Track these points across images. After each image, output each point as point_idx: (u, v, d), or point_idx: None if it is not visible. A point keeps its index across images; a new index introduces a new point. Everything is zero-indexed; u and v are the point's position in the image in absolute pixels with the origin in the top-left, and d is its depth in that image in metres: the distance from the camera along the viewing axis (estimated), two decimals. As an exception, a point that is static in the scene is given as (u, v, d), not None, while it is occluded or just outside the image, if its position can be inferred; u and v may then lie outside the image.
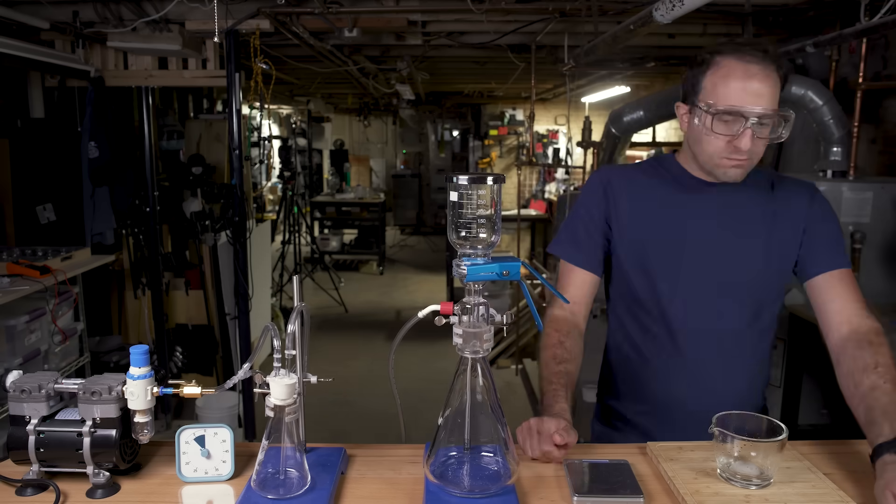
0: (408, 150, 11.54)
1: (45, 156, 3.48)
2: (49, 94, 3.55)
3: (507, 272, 0.99)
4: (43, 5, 2.92)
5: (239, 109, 3.22)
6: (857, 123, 3.01)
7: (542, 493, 1.06)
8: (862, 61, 3.01)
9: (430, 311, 1.01)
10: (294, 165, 6.66)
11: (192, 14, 3.01)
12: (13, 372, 1.08)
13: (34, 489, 1.03)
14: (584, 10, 3.02)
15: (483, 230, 1.00)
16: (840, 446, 1.21)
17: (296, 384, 1.00)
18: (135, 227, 3.71)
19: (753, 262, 1.32)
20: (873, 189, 2.77)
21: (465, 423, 1.03)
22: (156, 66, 3.41)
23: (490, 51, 4.14)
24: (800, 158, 3.80)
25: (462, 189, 0.99)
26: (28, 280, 2.54)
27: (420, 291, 7.17)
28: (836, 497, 1.00)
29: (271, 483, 1.02)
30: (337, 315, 6.22)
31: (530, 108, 4.63)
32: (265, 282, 4.90)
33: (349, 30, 3.17)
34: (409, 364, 4.66)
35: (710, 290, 1.32)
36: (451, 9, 3.09)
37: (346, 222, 8.25)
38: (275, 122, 9.58)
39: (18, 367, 1.70)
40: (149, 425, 1.04)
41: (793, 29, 3.46)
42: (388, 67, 4.98)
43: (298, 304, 1.04)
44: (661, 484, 1.08)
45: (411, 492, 1.05)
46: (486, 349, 1.02)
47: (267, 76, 3.45)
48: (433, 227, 10.96)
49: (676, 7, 2.22)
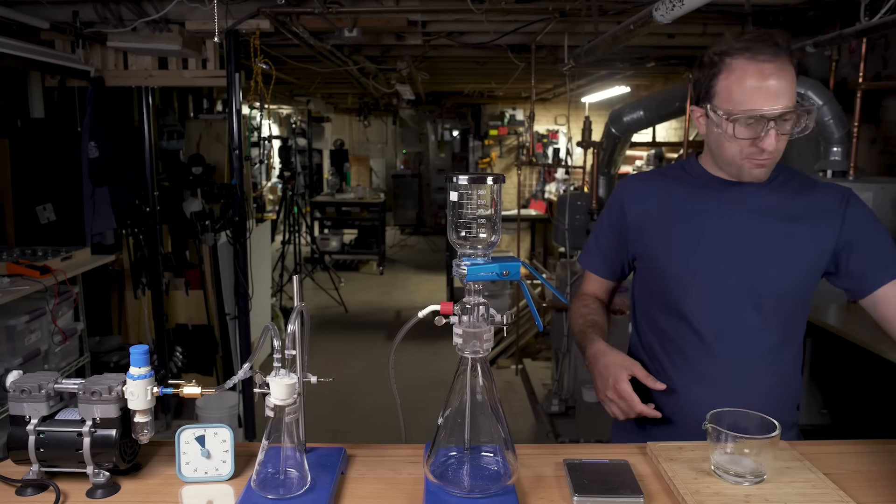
0: (408, 150, 11.54)
1: (45, 156, 3.48)
2: (49, 94, 3.55)
3: (507, 272, 0.99)
4: (43, 5, 2.92)
5: (239, 109, 3.22)
6: (857, 123, 3.01)
7: (542, 493, 1.06)
8: (862, 61, 3.01)
9: (430, 311, 1.01)
10: (294, 165, 6.66)
11: (192, 14, 3.01)
12: (13, 372, 1.08)
13: (34, 489, 1.03)
14: (584, 10, 3.03)
15: (483, 230, 1.00)
16: (840, 446, 1.21)
17: (296, 384, 1.00)
18: (135, 227, 3.71)
19: (781, 262, 1.28)
20: (873, 189, 2.77)
21: (465, 423, 1.03)
22: (156, 66, 3.42)
23: (490, 51, 4.14)
24: (800, 158, 3.80)
25: (462, 189, 0.99)
26: (28, 280, 2.54)
27: (420, 291, 7.17)
28: (836, 497, 1.00)
29: (271, 483, 1.02)
30: (337, 315, 6.23)
31: (530, 108, 4.63)
32: (265, 282, 4.90)
33: (349, 30, 3.17)
34: (409, 364, 4.66)
35: (735, 291, 1.29)
36: (451, 9, 3.09)
37: (346, 222, 8.25)
38: (275, 122, 9.58)
39: (18, 367, 1.70)
40: (149, 425, 1.04)
41: (793, 29, 3.46)
42: (388, 67, 4.98)
43: (298, 304, 1.04)
44: (661, 484, 1.08)
45: (411, 492, 1.05)
46: (486, 349, 1.02)
47: (267, 76, 3.45)
48: (433, 227, 10.96)
49: (676, 7, 2.22)
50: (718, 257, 1.30)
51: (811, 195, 1.31)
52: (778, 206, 1.30)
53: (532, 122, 4.80)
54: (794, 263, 1.29)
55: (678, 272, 1.33)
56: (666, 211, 1.35)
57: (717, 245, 1.30)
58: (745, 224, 1.29)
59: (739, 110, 1.18)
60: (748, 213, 1.30)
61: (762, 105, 1.16)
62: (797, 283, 1.30)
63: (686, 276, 1.32)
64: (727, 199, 1.31)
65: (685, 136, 4.16)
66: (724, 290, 1.29)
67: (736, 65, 1.18)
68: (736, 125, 1.19)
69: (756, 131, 1.19)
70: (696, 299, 1.31)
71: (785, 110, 1.16)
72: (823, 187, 1.33)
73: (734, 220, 1.30)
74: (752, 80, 1.17)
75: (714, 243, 1.30)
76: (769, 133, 1.18)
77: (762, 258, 1.28)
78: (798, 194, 1.31)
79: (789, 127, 1.20)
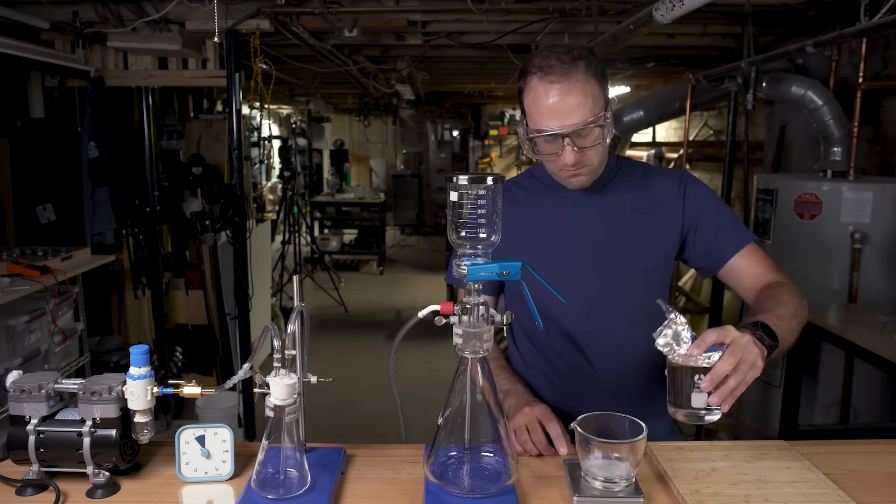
0: (408, 150, 11.54)
1: (45, 156, 3.48)
2: (49, 94, 3.55)
3: (507, 272, 0.99)
4: (43, 5, 2.92)
5: (239, 109, 3.22)
6: (857, 123, 3.01)
7: (542, 493, 1.06)
8: (862, 61, 3.01)
9: (430, 311, 1.01)
10: (294, 165, 6.66)
11: (192, 14, 3.01)
12: (13, 372, 1.08)
13: (34, 489, 1.03)
14: (584, 10, 3.02)
15: (483, 230, 1.00)
16: (840, 446, 1.21)
17: (296, 384, 1.00)
18: (135, 227, 3.71)
19: (632, 256, 1.32)
20: (873, 189, 2.77)
21: (465, 423, 1.03)
22: (156, 66, 3.41)
23: (490, 51, 4.14)
24: (800, 158, 3.80)
25: (462, 189, 0.99)
26: (28, 280, 2.54)
27: (420, 291, 7.17)
28: (836, 497, 1.00)
29: (271, 483, 1.02)
30: (337, 315, 6.22)
31: (530, 108, 4.62)
32: (265, 282, 4.90)
33: (349, 30, 3.17)
34: (409, 364, 4.66)
35: (591, 291, 1.31)
36: (451, 9, 3.09)
37: (346, 222, 8.24)
38: (275, 122, 9.58)
39: (18, 367, 1.70)
40: (149, 425, 1.04)
41: (793, 29, 3.46)
42: (388, 67, 4.98)
43: (298, 304, 1.04)
44: (661, 484, 1.08)
45: (411, 492, 1.05)
46: (486, 349, 1.02)
47: (267, 76, 3.45)
48: (433, 227, 10.95)
49: (676, 7, 2.22)
50: (568, 259, 1.32)
51: (652, 186, 1.36)
52: (620, 203, 1.33)
53: (532, 123, 4.79)
54: (645, 255, 1.32)
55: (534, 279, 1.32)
56: (517, 218, 1.34)
57: (565, 247, 1.33)
58: (594, 225, 1.33)
59: (534, 129, 1.21)
60: (596, 215, 1.33)
61: (550, 124, 1.19)
62: (652, 271, 1.34)
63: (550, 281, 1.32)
64: (571, 202, 1.34)
65: (685, 136, 4.16)
66: (585, 291, 1.31)
67: (531, 83, 1.20)
68: (537, 142, 1.23)
69: (555, 147, 1.22)
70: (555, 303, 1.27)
71: (574, 128, 1.18)
72: (661, 175, 1.38)
73: (579, 221, 1.33)
74: (543, 100, 1.19)
75: (566, 247, 1.33)
76: (565, 150, 1.20)
77: (614, 255, 1.31)
78: (639, 187, 1.35)
79: (590, 140, 1.21)
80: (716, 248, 1.33)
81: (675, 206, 1.34)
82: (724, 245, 1.32)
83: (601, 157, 1.26)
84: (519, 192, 1.41)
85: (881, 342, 2.18)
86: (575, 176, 1.26)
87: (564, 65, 1.17)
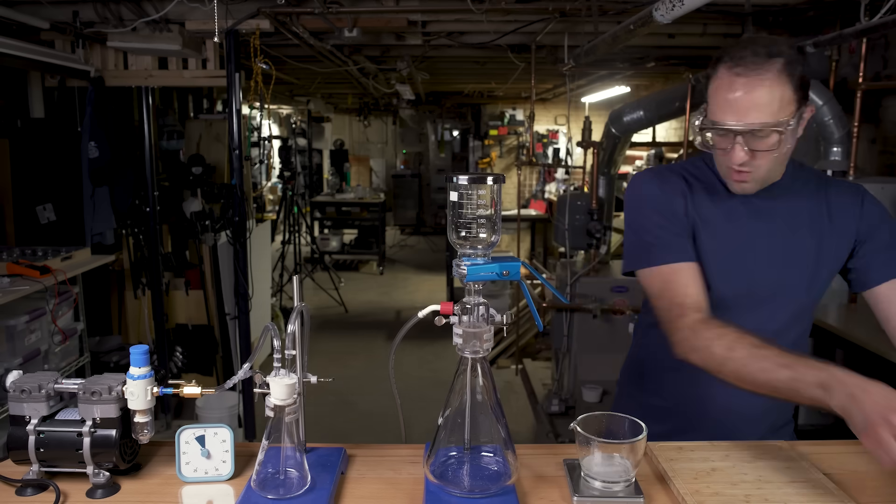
0: (408, 150, 11.53)
1: (45, 156, 3.48)
2: (49, 94, 3.55)
3: (507, 272, 0.99)
4: (43, 5, 2.92)
5: (239, 109, 3.22)
6: (857, 123, 3.01)
7: (542, 493, 1.06)
8: (862, 61, 3.01)
9: (430, 311, 1.01)
10: (294, 165, 6.66)
11: (192, 14, 3.01)
12: (13, 372, 1.08)
13: (34, 489, 1.03)
14: (584, 10, 3.03)
15: (483, 230, 1.00)
16: (840, 446, 1.21)
17: (296, 384, 1.00)
18: (135, 227, 3.71)
19: (803, 265, 1.26)
20: (873, 189, 2.77)
21: (465, 423, 1.03)
22: (156, 66, 3.42)
23: (490, 51, 4.14)
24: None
25: (462, 189, 0.99)
26: (28, 280, 2.54)
27: (420, 291, 7.17)
28: (836, 497, 1.00)
29: (271, 483, 1.02)
30: (337, 315, 6.23)
31: (530, 108, 4.63)
32: (265, 282, 4.90)
33: (349, 30, 3.17)
34: (409, 364, 4.66)
35: (762, 297, 1.27)
36: (451, 9, 3.09)
37: (346, 222, 8.24)
38: (275, 122, 9.58)
39: (18, 367, 1.70)
40: (149, 425, 1.04)
41: (793, 29, 3.46)
42: (388, 67, 4.98)
43: (298, 304, 1.04)
44: (661, 484, 1.08)
45: (411, 492, 1.05)
46: (486, 349, 1.02)
47: (267, 76, 3.45)
48: (433, 227, 10.95)
49: (676, 7, 2.22)
50: (735, 257, 1.27)
51: (827, 196, 1.29)
52: (792, 209, 1.27)
53: (532, 123, 4.80)
54: (815, 265, 1.27)
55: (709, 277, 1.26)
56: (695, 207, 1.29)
57: (736, 245, 1.27)
58: (767, 231, 1.26)
59: (709, 120, 1.17)
60: (763, 215, 1.26)
61: (727, 118, 1.13)
62: (818, 284, 1.29)
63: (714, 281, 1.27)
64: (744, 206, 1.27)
65: (685, 136, 4.16)
66: (751, 295, 1.27)
67: (719, 73, 1.15)
68: (708, 133, 1.17)
69: (726, 143, 1.16)
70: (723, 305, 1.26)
71: (746, 128, 1.11)
72: (837, 186, 1.32)
73: (750, 222, 1.27)
74: (725, 92, 1.13)
75: (733, 244, 1.27)
76: (734, 148, 1.14)
77: (786, 263, 1.26)
78: (815, 195, 1.29)
79: (764, 144, 1.13)
80: (873, 267, 1.25)
81: (849, 222, 1.27)
82: (884, 267, 1.24)
83: (772, 167, 1.18)
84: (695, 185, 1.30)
85: (881, 342, 2.18)
86: (739, 181, 1.19)
87: (758, 59, 1.10)
